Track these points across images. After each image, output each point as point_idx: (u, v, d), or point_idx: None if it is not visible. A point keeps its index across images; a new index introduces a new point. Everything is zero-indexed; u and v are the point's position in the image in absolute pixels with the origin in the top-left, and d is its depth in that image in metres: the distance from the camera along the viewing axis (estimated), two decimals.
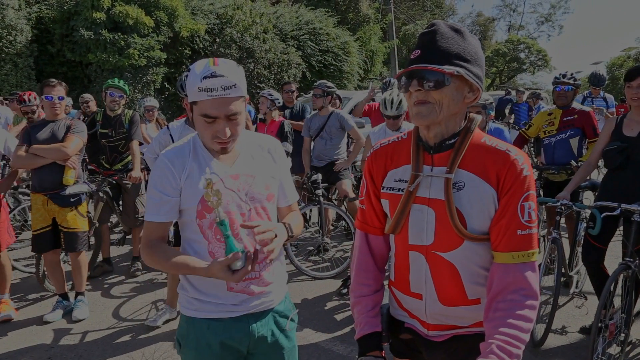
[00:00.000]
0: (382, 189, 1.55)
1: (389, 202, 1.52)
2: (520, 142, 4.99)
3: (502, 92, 16.15)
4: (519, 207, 1.35)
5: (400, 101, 4.34)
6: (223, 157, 1.72)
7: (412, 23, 30.95)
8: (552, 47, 79.66)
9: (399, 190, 1.49)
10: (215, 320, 1.73)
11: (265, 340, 1.79)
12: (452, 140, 1.43)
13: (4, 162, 4.93)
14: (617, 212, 3.20)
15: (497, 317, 1.32)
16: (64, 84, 4.13)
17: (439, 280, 1.45)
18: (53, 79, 4.10)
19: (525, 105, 11.34)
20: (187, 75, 1.65)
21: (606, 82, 9.13)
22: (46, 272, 4.38)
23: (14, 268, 4.80)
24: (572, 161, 4.38)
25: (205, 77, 1.55)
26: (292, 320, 1.89)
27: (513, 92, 13.50)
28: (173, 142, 3.65)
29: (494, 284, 1.37)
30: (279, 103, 6.06)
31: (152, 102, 7.32)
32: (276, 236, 1.61)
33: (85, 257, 4.30)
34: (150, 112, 7.17)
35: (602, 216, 3.19)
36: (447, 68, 1.33)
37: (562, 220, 3.88)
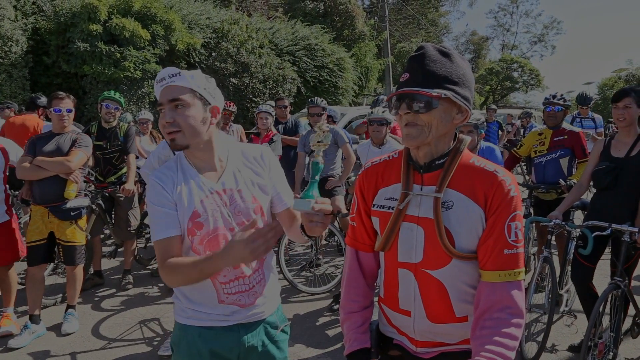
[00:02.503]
0: (373, 206, 1.57)
1: (379, 220, 1.55)
2: (511, 161, 5.05)
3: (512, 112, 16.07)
4: (506, 227, 1.39)
5: (385, 110, 4.40)
6: (208, 174, 1.76)
7: (407, 41, 31.25)
8: (544, 67, 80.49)
9: (389, 208, 1.52)
10: (206, 329, 1.75)
11: (256, 350, 1.81)
12: (442, 160, 1.47)
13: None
14: (608, 232, 3.24)
15: (484, 334, 1.34)
16: (72, 97, 4.15)
17: (428, 298, 1.47)
18: (62, 92, 4.11)
19: (495, 125, 10.96)
20: None
21: (594, 102, 9.29)
22: (25, 287, 4.21)
23: None
24: (561, 180, 4.44)
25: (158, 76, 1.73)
26: (283, 331, 1.90)
27: (533, 112, 13.17)
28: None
29: (480, 302, 1.39)
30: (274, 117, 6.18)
31: (147, 115, 7.36)
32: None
33: (81, 270, 4.28)
34: (145, 125, 7.19)
35: (593, 235, 3.23)
36: (435, 91, 1.37)
37: (553, 239, 3.93)
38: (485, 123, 4.17)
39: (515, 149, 5.00)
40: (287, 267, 5.06)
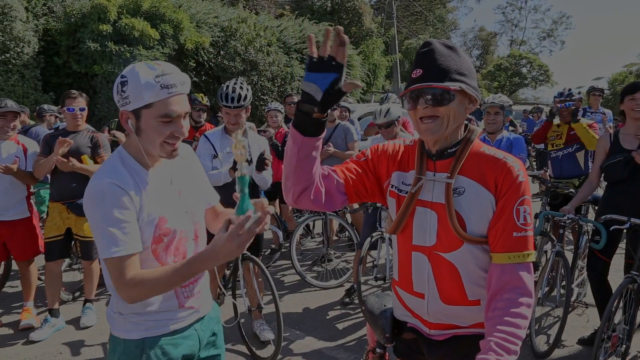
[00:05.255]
0: (391, 187, 1.63)
1: (395, 202, 1.61)
2: (545, 130, 5.01)
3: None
4: (515, 211, 1.44)
5: (388, 109, 4.39)
6: (158, 173, 1.64)
7: (415, 37, 31.22)
8: (554, 62, 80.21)
9: (406, 192, 1.58)
10: (170, 336, 1.66)
11: (208, 346, 1.80)
12: (453, 149, 1.53)
13: None
14: (627, 225, 3.25)
15: (495, 315, 1.39)
16: (84, 95, 4.22)
17: (441, 280, 1.53)
18: (74, 91, 4.18)
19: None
20: (123, 82, 1.52)
21: (605, 94, 9.30)
22: (44, 282, 4.36)
23: None
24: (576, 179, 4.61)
25: (158, 76, 1.49)
26: (219, 323, 1.89)
27: (543, 108, 13.05)
28: (215, 150, 3.66)
29: (492, 283, 1.44)
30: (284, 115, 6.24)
31: None
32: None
33: (98, 265, 4.36)
34: None
35: (611, 229, 3.26)
36: (451, 85, 1.43)
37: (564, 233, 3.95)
38: (511, 107, 4.23)
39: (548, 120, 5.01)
40: (298, 263, 5.11)
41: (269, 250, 6.10)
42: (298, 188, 1.50)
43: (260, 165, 3.51)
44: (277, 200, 6.22)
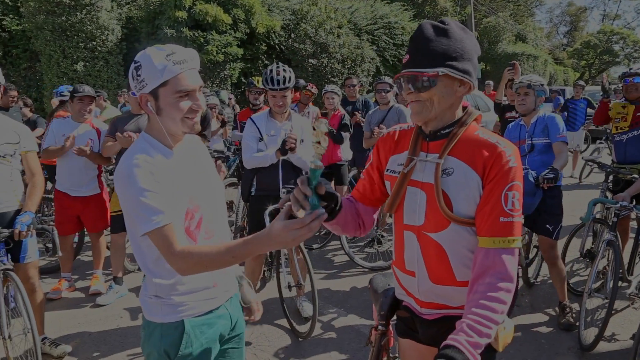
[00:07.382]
0: (386, 171, 1.69)
1: (390, 184, 1.66)
2: (603, 111, 4.73)
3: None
4: (503, 196, 1.44)
5: None
6: (179, 151, 1.68)
7: (494, 15, 29.82)
8: None
9: (398, 173, 1.63)
10: (207, 316, 1.70)
11: (236, 325, 1.85)
12: (447, 130, 1.56)
13: None
14: None
15: (474, 298, 1.41)
16: None
17: (429, 260, 1.57)
18: None
19: (583, 102, 9.93)
20: (137, 67, 1.59)
21: None
22: (110, 252, 4.81)
23: None
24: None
25: (169, 55, 1.56)
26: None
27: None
28: (260, 133, 3.80)
29: (475, 267, 1.46)
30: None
31: (214, 100, 7.57)
32: None
33: None
34: (213, 109, 7.46)
35: None
36: (431, 70, 1.46)
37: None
38: (543, 87, 3.95)
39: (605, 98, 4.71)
40: (347, 244, 5.22)
41: (324, 230, 6.24)
42: (351, 234, 1.74)
43: (283, 147, 3.59)
44: (333, 181, 6.32)
